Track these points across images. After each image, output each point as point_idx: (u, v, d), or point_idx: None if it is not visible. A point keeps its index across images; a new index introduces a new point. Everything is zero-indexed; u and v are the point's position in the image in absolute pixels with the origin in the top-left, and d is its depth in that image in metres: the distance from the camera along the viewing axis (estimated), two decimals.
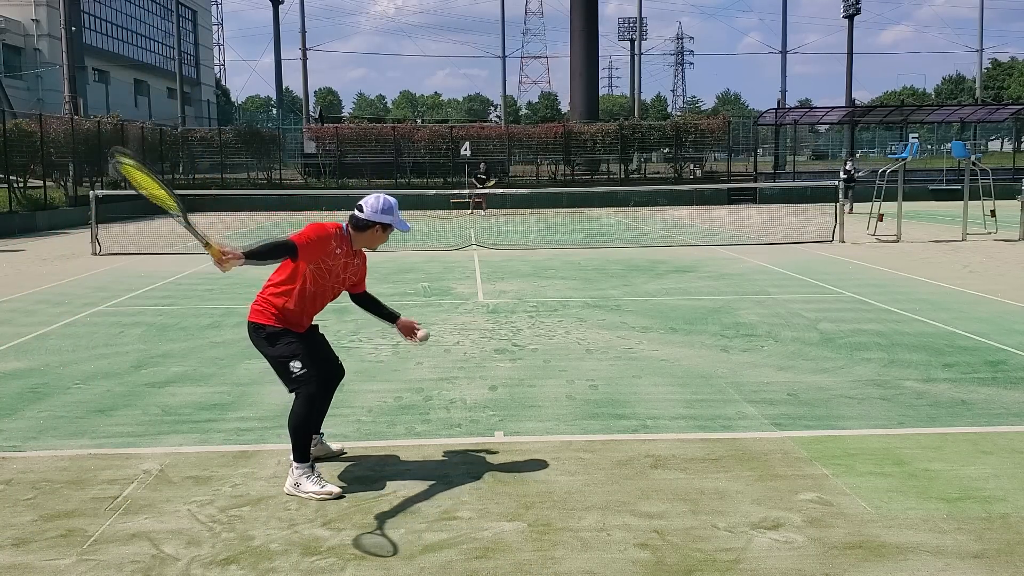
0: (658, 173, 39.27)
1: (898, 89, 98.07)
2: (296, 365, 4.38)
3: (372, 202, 4.46)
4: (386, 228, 4.53)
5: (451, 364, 7.36)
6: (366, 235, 4.52)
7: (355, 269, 4.65)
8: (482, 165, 31.30)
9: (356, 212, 4.47)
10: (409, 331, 4.83)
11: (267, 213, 28.63)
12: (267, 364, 4.60)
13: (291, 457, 4.48)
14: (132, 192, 4.36)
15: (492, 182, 30.21)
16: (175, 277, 13.20)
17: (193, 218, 4.40)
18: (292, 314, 4.48)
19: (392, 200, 4.49)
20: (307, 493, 4.40)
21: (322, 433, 4.97)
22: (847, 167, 27.54)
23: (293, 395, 4.45)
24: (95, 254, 16.35)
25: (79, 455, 5.11)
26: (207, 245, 4.14)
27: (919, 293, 11.02)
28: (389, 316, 4.86)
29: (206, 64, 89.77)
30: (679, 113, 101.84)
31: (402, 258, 15.75)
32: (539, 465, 4.88)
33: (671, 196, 31.66)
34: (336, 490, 4.44)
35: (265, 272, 4.61)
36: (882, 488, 4.49)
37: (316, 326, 4.74)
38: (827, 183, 23.13)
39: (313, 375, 4.40)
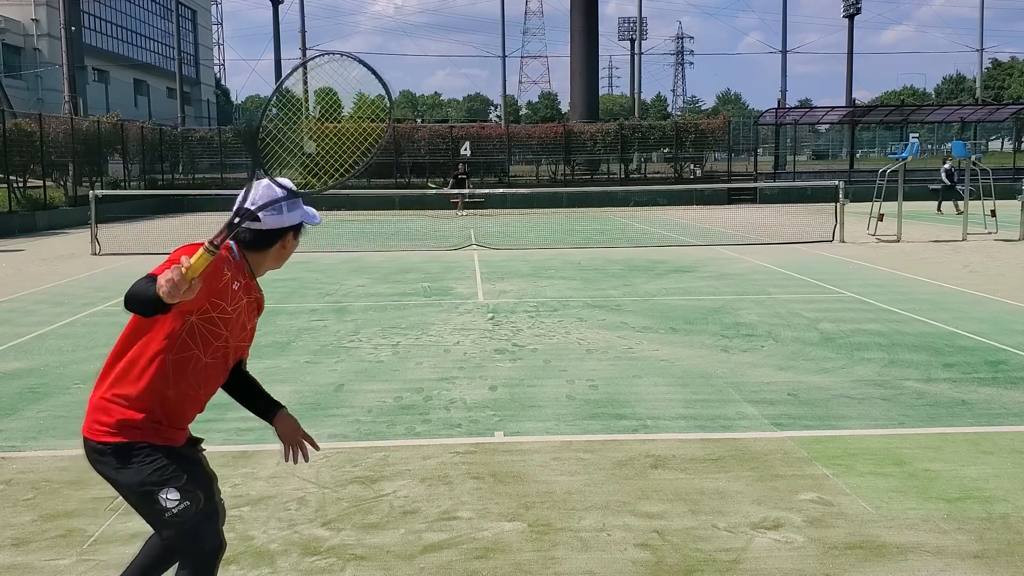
0: (658, 173, 39.25)
1: (898, 89, 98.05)
2: (171, 496, 2.61)
3: (270, 197, 2.63)
4: (298, 230, 2.86)
5: (451, 364, 7.36)
6: (272, 252, 2.84)
7: (256, 312, 2.98)
8: (460, 166, 31.27)
9: (248, 223, 2.65)
10: (291, 439, 3.09)
11: None
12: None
13: None
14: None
15: (467, 178, 30.19)
16: None
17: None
18: (165, 407, 2.68)
19: (287, 182, 2.67)
20: None
21: None
22: (946, 166, 24.68)
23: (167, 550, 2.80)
24: (95, 254, 16.35)
25: (79, 455, 5.09)
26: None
27: (919, 293, 11.01)
28: (267, 407, 3.10)
29: (206, 64, 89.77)
30: (679, 113, 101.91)
31: (402, 258, 15.74)
32: (539, 465, 4.88)
33: (671, 196, 31.65)
34: None
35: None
36: (882, 488, 4.49)
37: (195, 440, 2.93)
38: (827, 183, 23.13)
39: (203, 505, 2.66)
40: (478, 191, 27.06)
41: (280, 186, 2.65)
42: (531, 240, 19.21)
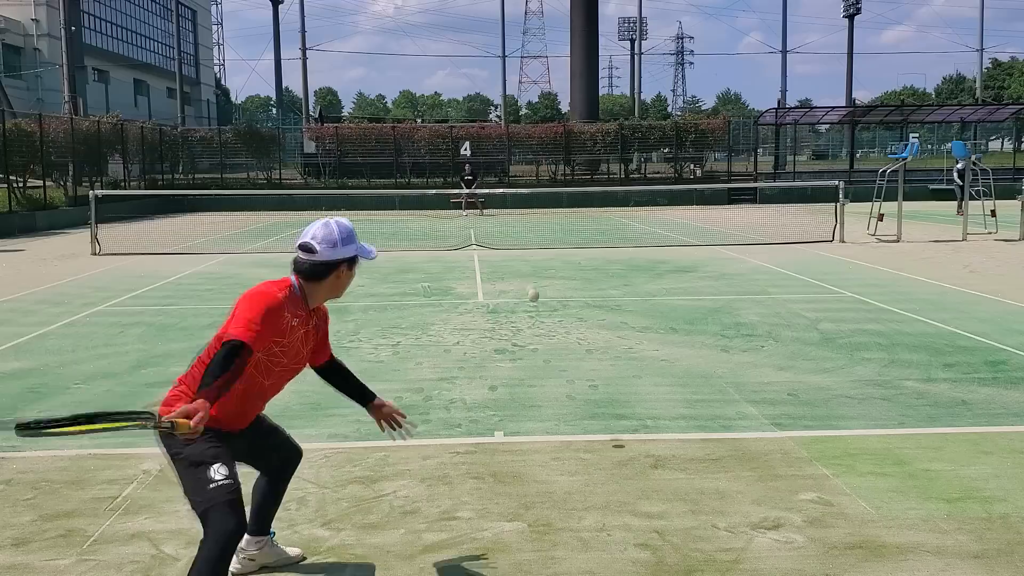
0: (658, 173, 39.27)
1: (898, 89, 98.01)
2: (220, 472, 3.02)
3: (324, 234, 3.23)
4: (353, 263, 3.36)
5: (451, 364, 7.36)
6: (327, 283, 3.31)
7: (316, 333, 3.49)
8: (467, 167, 31.30)
9: (306, 256, 3.23)
10: (389, 418, 3.84)
11: (267, 213, 28.63)
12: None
13: None
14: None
15: (477, 181, 30.26)
16: (175, 277, 13.20)
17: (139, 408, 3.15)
18: (227, 414, 3.21)
19: (347, 222, 3.36)
20: None
21: (272, 532, 3.71)
22: (959, 166, 23.71)
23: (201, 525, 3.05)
24: (95, 254, 16.35)
25: (79, 455, 5.11)
26: (172, 425, 2.80)
27: (919, 293, 11.01)
28: (361, 395, 3.94)
29: (206, 64, 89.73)
30: (679, 113, 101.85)
31: (402, 258, 15.74)
32: (539, 465, 4.87)
33: (671, 196, 31.65)
34: None
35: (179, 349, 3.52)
36: (882, 488, 4.48)
37: (261, 417, 3.61)
38: (827, 183, 23.12)
39: (237, 490, 3.05)
40: (478, 191, 27.08)
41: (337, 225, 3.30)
42: (531, 240, 19.21)
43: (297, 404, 6.17)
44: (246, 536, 3.46)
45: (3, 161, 23.29)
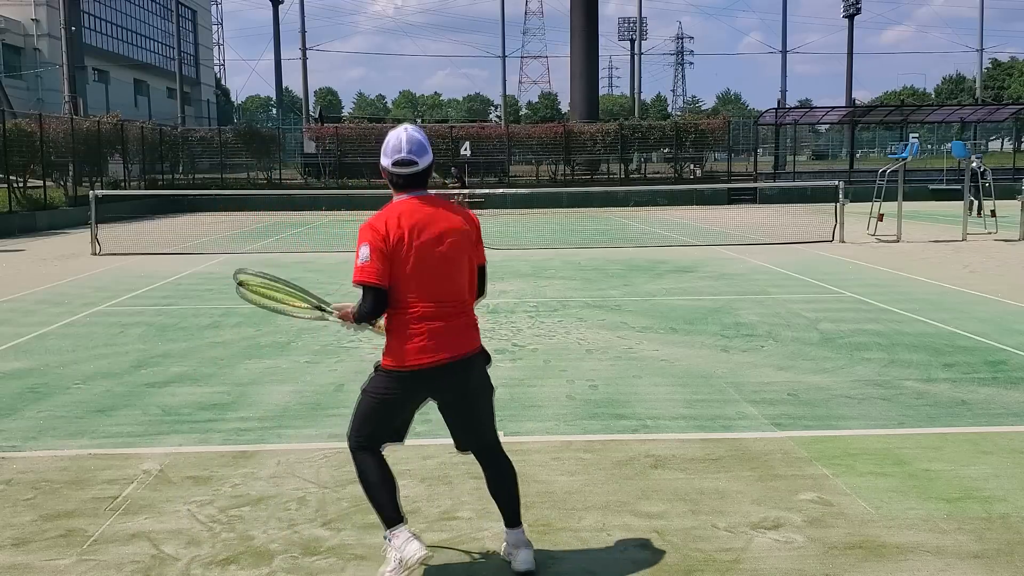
0: (658, 173, 39.27)
1: (898, 89, 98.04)
2: None
3: (416, 142, 3.42)
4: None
5: None
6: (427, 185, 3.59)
7: None
8: (453, 169, 31.30)
9: (408, 171, 3.41)
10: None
11: (267, 213, 28.64)
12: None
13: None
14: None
15: (457, 180, 30.26)
16: (175, 277, 13.20)
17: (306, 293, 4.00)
18: None
19: (415, 127, 3.53)
20: None
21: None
22: (973, 165, 22.42)
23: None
24: (95, 254, 16.35)
25: (79, 455, 5.11)
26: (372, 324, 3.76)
27: (919, 293, 11.02)
28: None
29: (206, 64, 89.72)
30: (679, 113, 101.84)
31: None
32: (539, 465, 4.87)
33: (671, 196, 31.66)
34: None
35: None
36: (882, 488, 4.49)
37: None
38: (827, 183, 23.12)
39: None
40: (478, 191, 27.07)
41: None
42: (531, 240, 19.22)
43: (297, 404, 6.17)
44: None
45: (3, 161, 23.29)
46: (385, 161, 3.40)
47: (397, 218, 3.35)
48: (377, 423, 3.54)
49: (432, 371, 3.40)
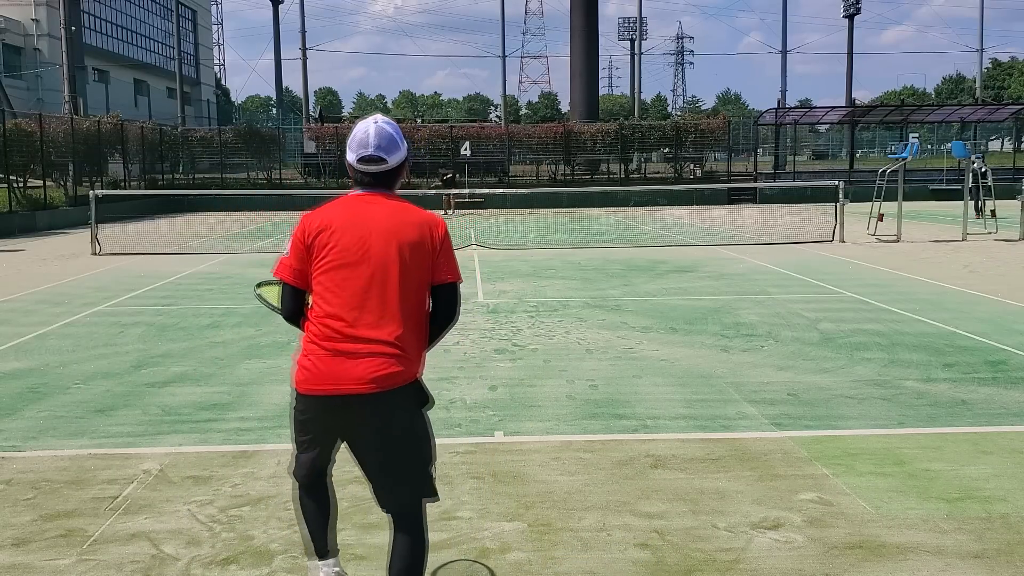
0: (658, 173, 39.27)
1: (898, 89, 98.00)
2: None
3: (385, 137, 2.95)
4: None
5: (451, 364, 7.36)
6: (398, 185, 3.19)
7: None
8: (441, 169, 31.36)
9: (375, 168, 2.95)
10: None
11: (267, 213, 28.64)
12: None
13: None
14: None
15: (451, 175, 30.31)
16: (175, 277, 13.20)
17: None
18: None
19: (389, 119, 3.04)
20: None
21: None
22: (974, 166, 21.34)
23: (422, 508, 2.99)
24: (95, 254, 16.35)
25: (79, 455, 5.11)
26: None
27: (919, 293, 11.01)
28: None
29: (206, 64, 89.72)
30: (679, 113, 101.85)
31: None
32: (539, 465, 4.87)
33: (671, 196, 31.66)
34: None
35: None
36: (882, 488, 4.49)
37: None
38: (827, 183, 23.11)
39: None
40: (478, 191, 27.07)
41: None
42: (531, 240, 19.21)
43: None
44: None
45: (3, 161, 23.29)
46: (350, 156, 2.93)
47: (329, 213, 2.91)
48: (298, 446, 3.03)
49: (313, 401, 2.84)
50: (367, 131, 2.91)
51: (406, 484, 2.90)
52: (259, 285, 3.39)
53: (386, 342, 2.78)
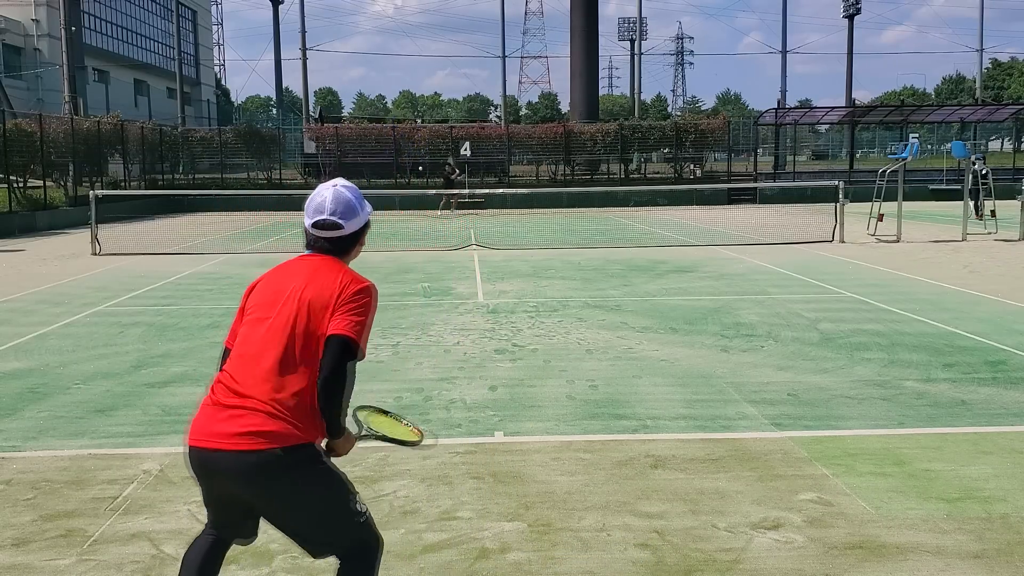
0: (658, 173, 39.27)
1: (898, 89, 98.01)
2: (360, 500, 2.78)
3: (344, 204, 2.84)
4: (368, 225, 3.02)
5: (451, 364, 7.36)
6: (353, 254, 2.96)
7: None
8: (446, 167, 31.38)
9: (329, 234, 2.84)
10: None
11: (267, 213, 28.63)
12: None
13: None
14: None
15: (457, 174, 30.34)
16: (175, 277, 13.20)
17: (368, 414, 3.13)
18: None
19: (350, 183, 2.97)
20: None
21: None
22: (975, 167, 20.75)
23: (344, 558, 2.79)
24: (95, 254, 16.35)
25: (79, 455, 5.11)
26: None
27: (919, 293, 11.02)
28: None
29: (206, 64, 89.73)
30: (679, 113, 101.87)
31: (402, 258, 15.75)
32: (539, 465, 4.88)
33: (671, 196, 31.66)
34: None
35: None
36: (882, 488, 4.49)
37: None
38: (827, 183, 23.11)
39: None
40: (478, 191, 27.07)
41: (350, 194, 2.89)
42: (531, 240, 19.21)
43: None
44: None
45: (3, 161, 23.29)
46: (306, 220, 2.86)
47: (266, 273, 2.90)
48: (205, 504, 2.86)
49: (189, 453, 2.68)
50: (324, 196, 2.85)
51: (325, 546, 2.75)
52: (359, 409, 3.07)
53: (264, 400, 2.59)
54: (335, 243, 2.84)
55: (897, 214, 18.36)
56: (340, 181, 2.91)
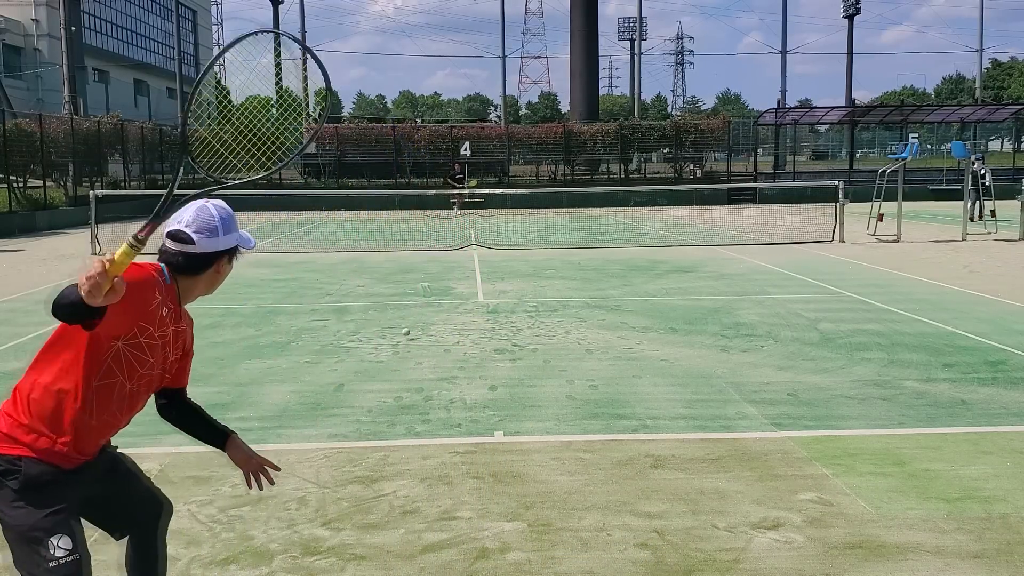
0: (658, 173, 39.28)
1: (898, 89, 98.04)
2: (62, 545, 2.41)
3: (202, 221, 2.58)
4: (233, 254, 2.70)
5: (451, 364, 7.36)
6: (204, 278, 2.68)
7: (183, 341, 2.75)
8: (456, 166, 31.44)
9: (178, 247, 2.57)
10: (258, 471, 3.15)
11: (267, 213, 28.62)
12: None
13: None
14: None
15: (473, 183, 30.37)
16: None
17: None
18: (76, 432, 2.47)
19: (227, 206, 2.68)
20: None
21: None
22: (974, 167, 20.63)
23: None
24: (95, 254, 16.34)
25: None
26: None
27: (919, 293, 11.02)
28: (220, 434, 3.10)
29: (206, 64, 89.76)
30: (679, 113, 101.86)
31: (402, 258, 15.75)
32: (539, 465, 4.88)
33: (671, 196, 31.66)
34: None
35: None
36: (882, 488, 4.49)
37: (111, 448, 2.78)
38: (827, 183, 23.12)
39: (81, 567, 2.48)
40: (478, 191, 27.08)
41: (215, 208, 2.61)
42: (531, 240, 19.21)
43: (297, 404, 6.18)
44: None
45: (3, 161, 23.29)
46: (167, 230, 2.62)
47: None
48: None
49: None
50: (189, 208, 2.62)
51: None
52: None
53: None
54: (186, 259, 2.58)
55: (897, 214, 18.36)
56: (218, 202, 2.67)
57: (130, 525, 2.86)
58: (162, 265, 2.58)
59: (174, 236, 2.57)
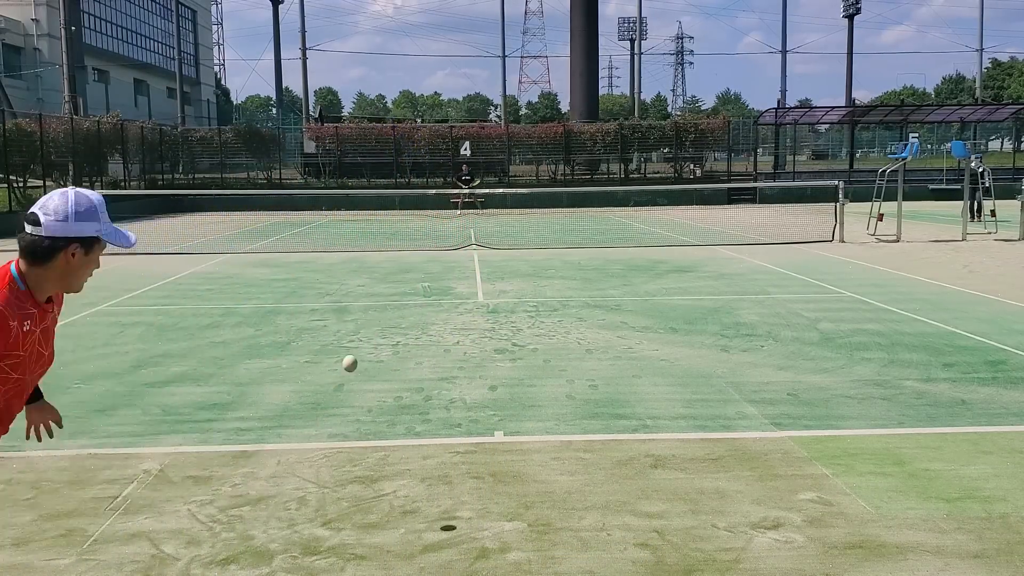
0: (658, 173, 39.27)
1: (898, 89, 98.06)
2: None
3: (57, 204, 2.45)
4: (90, 246, 2.51)
5: (451, 364, 7.36)
6: (55, 268, 2.50)
7: (54, 324, 2.72)
8: (464, 167, 31.49)
9: (30, 228, 2.46)
10: (42, 425, 3.26)
11: (267, 213, 28.64)
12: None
13: None
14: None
15: (476, 182, 30.41)
16: (175, 277, 13.20)
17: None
18: None
19: (94, 195, 2.53)
20: None
21: None
22: (972, 166, 20.23)
23: None
24: None
25: (79, 455, 5.11)
26: None
27: (919, 293, 11.02)
28: (34, 397, 3.24)
29: (206, 64, 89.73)
30: (679, 113, 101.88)
31: (402, 258, 15.75)
32: (539, 465, 4.88)
33: (671, 196, 31.67)
34: None
35: None
36: (882, 488, 4.49)
37: None
38: (827, 183, 23.12)
39: None
40: (478, 191, 27.09)
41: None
42: (531, 240, 19.22)
43: (297, 404, 6.18)
44: None
45: (3, 161, 23.29)
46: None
47: None
48: None
49: None
50: (56, 191, 2.51)
51: None
52: None
53: None
54: (31, 242, 2.46)
55: (897, 214, 18.36)
56: (84, 191, 2.54)
57: None
58: (11, 269, 2.50)
59: (28, 219, 2.46)
